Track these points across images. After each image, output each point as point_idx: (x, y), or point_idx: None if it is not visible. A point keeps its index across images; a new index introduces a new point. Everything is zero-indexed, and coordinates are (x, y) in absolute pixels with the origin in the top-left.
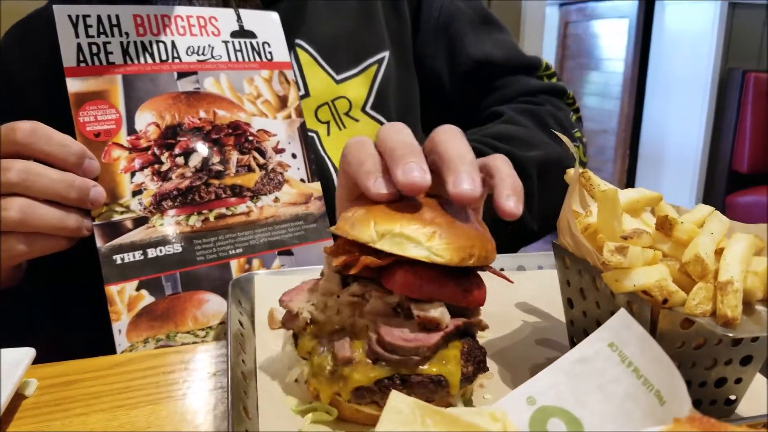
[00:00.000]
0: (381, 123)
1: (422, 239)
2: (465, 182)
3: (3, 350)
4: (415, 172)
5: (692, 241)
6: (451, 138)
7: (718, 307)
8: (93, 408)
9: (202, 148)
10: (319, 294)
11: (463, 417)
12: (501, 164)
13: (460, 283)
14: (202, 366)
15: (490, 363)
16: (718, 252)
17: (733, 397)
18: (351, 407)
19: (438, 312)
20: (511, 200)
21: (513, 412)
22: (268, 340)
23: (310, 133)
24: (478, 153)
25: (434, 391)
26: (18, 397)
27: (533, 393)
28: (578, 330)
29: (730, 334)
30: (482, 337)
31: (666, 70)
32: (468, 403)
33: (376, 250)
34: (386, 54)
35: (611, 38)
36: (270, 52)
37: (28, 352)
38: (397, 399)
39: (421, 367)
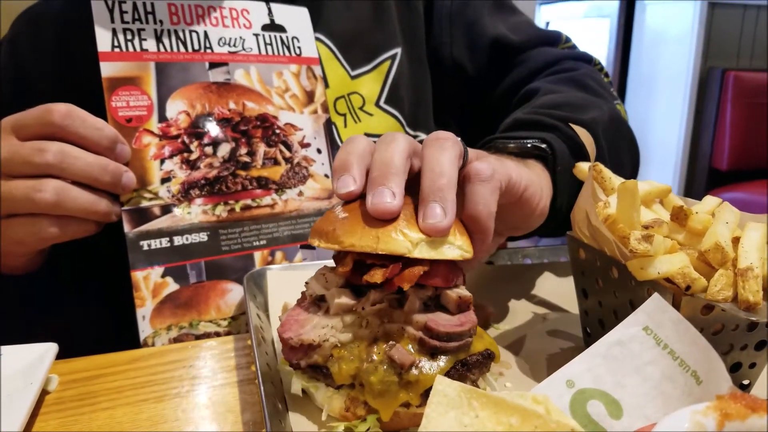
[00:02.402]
0: (395, 116)
1: (452, 240)
2: (430, 218)
3: (26, 346)
4: (384, 198)
5: (709, 230)
6: (436, 153)
7: (740, 293)
8: (118, 402)
9: (230, 139)
10: (332, 314)
11: (508, 399)
12: (478, 187)
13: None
14: (224, 359)
15: (507, 354)
16: (734, 240)
17: (746, 382)
18: (408, 413)
19: (467, 291)
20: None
21: (553, 395)
22: None
23: None
24: (536, 124)
25: (485, 365)
26: (40, 393)
27: (572, 376)
28: (593, 320)
29: (754, 318)
30: (497, 329)
31: (647, 69)
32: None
33: (388, 257)
34: (398, 50)
35: (593, 38)
36: (299, 47)
37: (51, 348)
38: (443, 383)
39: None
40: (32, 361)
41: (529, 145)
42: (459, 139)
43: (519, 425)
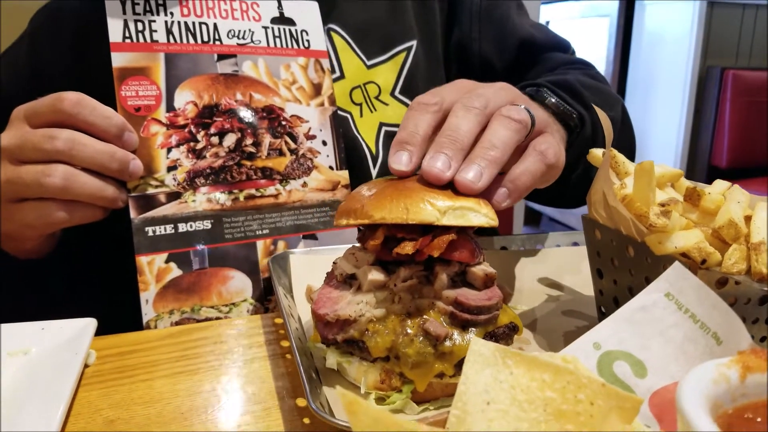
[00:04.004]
0: None
1: (477, 207)
2: (466, 172)
3: (67, 321)
4: (440, 164)
5: (722, 208)
6: (503, 130)
7: (753, 265)
8: (155, 374)
9: (236, 130)
10: (364, 291)
11: (540, 358)
12: (532, 158)
13: (480, 245)
14: (252, 335)
15: (525, 332)
16: (745, 219)
17: None
18: (441, 384)
19: (491, 268)
20: (500, 193)
21: (581, 356)
22: (307, 310)
23: (344, 114)
24: (579, 96)
25: (510, 336)
26: None
27: (598, 339)
28: (608, 298)
29: (767, 290)
30: (514, 309)
31: (646, 68)
32: None
33: (417, 231)
34: (414, 43)
35: (592, 37)
36: (307, 40)
37: (91, 322)
38: (478, 343)
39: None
40: (75, 333)
41: (574, 115)
42: (528, 112)
43: (552, 381)
